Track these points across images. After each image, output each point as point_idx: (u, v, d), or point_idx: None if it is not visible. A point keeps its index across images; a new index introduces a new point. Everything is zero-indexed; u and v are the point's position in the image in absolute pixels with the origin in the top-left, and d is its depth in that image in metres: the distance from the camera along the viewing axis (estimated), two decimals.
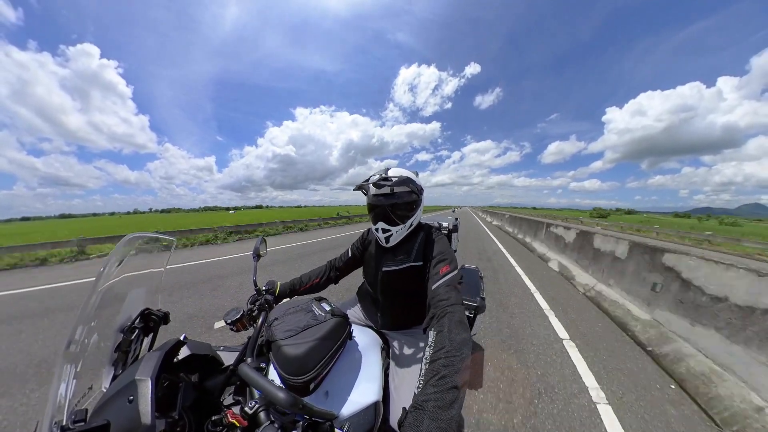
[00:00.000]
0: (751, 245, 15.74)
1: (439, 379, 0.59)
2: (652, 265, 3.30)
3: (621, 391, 2.13)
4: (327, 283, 1.37)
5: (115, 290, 0.81)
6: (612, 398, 2.04)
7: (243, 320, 1.07)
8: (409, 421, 0.53)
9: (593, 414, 1.88)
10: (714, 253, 5.48)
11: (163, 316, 0.95)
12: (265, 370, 0.88)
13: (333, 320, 0.90)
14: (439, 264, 0.96)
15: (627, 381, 2.25)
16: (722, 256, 2.84)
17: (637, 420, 1.85)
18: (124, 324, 0.85)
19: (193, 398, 0.73)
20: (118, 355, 0.78)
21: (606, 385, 2.19)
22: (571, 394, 2.06)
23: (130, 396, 0.57)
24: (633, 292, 3.51)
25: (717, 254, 3.35)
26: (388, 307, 1.19)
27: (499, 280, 5.13)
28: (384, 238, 1.09)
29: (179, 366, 0.77)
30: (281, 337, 0.81)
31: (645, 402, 2.02)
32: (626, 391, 2.12)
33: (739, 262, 2.40)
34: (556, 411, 1.89)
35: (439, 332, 0.71)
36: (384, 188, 1.02)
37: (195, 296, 4.02)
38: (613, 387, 2.17)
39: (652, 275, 3.25)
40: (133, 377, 0.60)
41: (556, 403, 1.96)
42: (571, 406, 1.95)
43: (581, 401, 2.00)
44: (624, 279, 3.78)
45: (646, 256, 3.42)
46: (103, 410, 0.58)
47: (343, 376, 0.89)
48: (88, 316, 0.69)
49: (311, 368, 0.76)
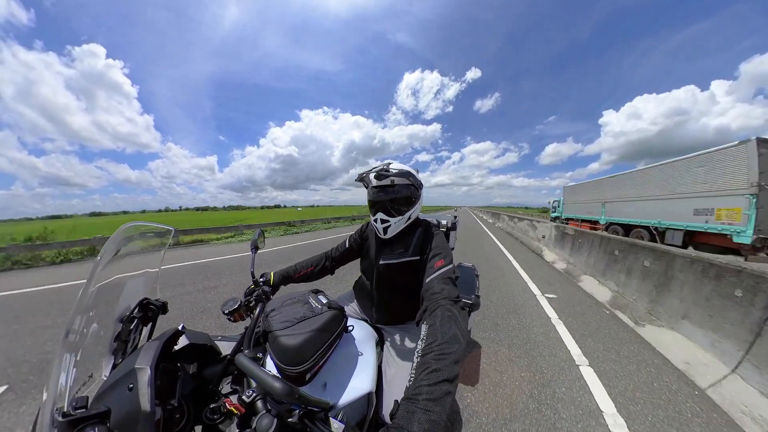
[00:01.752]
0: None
1: (431, 372, 0.59)
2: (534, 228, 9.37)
3: (531, 271, 5.56)
4: (322, 272, 1.37)
5: (113, 281, 0.81)
6: (529, 273, 5.42)
7: (240, 311, 1.08)
8: (400, 413, 0.54)
9: (519, 278, 5.11)
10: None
11: (161, 306, 0.96)
12: (262, 360, 0.89)
13: (329, 312, 0.91)
14: (434, 258, 0.97)
15: (531, 265, 6.25)
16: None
17: (536, 275, 5.24)
18: (123, 314, 0.86)
19: (192, 387, 0.75)
20: (117, 344, 0.80)
21: (525, 270, 5.67)
22: (516, 279, 5.04)
23: (130, 384, 0.58)
24: (536, 239, 8.97)
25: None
26: (383, 301, 1.20)
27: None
28: (382, 229, 1.10)
29: (178, 355, 0.79)
30: (278, 327, 0.82)
31: (536, 268, 5.92)
32: (532, 271, 5.53)
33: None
34: (498, 275, 5.29)
35: (431, 325, 0.71)
36: (385, 179, 1.04)
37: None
38: (528, 271, 5.62)
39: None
40: (133, 366, 0.61)
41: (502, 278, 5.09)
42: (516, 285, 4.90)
43: (518, 278, 5.09)
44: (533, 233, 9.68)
45: (534, 223, 9.80)
46: (103, 398, 0.60)
47: (339, 367, 0.91)
48: (87, 306, 0.69)
49: (307, 359, 0.78)
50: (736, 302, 2.19)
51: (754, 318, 2.02)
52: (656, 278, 3.13)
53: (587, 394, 1.92)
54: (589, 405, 1.81)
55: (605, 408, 1.79)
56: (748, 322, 2.07)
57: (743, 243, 6.79)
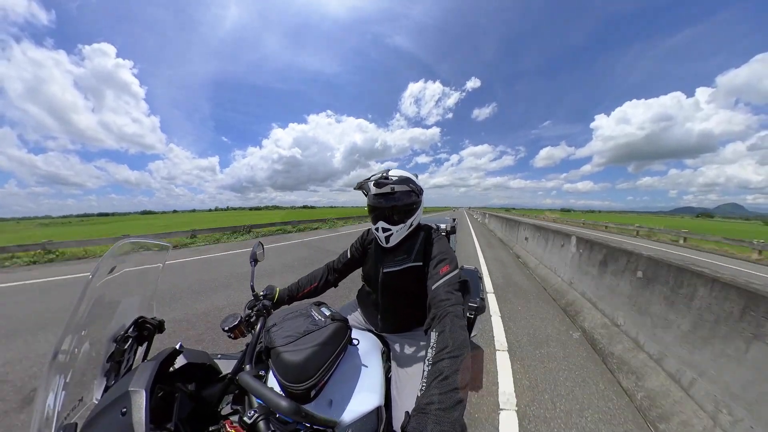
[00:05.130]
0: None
1: (443, 380, 0.58)
2: (517, 227, 9.02)
3: (485, 247, 9.41)
4: (326, 287, 1.35)
5: (107, 298, 0.78)
6: (481, 243, 10.45)
7: (241, 327, 1.04)
8: (412, 425, 0.52)
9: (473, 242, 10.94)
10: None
11: (157, 325, 0.92)
12: (265, 378, 0.85)
13: (333, 325, 0.88)
14: (439, 264, 0.95)
15: (487, 245, 9.93)
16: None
17: (485, 241, 11.27)
18: (117, 333, 0.82)
19: (190, 408, 0.71)
20: (110, 365, 0.75)
21: (480, 245, 9.79)
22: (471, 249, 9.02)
23: (123, 408, 0.54)
24: (510, 234, 10.19)
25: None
26: (388, 309, 1.18)
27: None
28: (384, 238, 1.08)
29: (175, 375, 0.75)
30: (280, 343, 0.79)
31: (486, 239, 11.67)
32: (485, 247, 9.44)
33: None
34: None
35: (440, 332, 0.70)
36: (385, 187, 1.02)
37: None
38: (482, 244, 10.26)
39: (521, 233, 8.40)
40: (127, 388, 0.57)
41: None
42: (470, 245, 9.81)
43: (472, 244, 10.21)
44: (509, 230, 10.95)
45: (512, 224, 10.03)
46: (94, 424, 0.55)
47: (344, 381, 0.86)
48: (78, 324, 0.66)
49: (312, 375, 0.74)
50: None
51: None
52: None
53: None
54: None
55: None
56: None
57: None
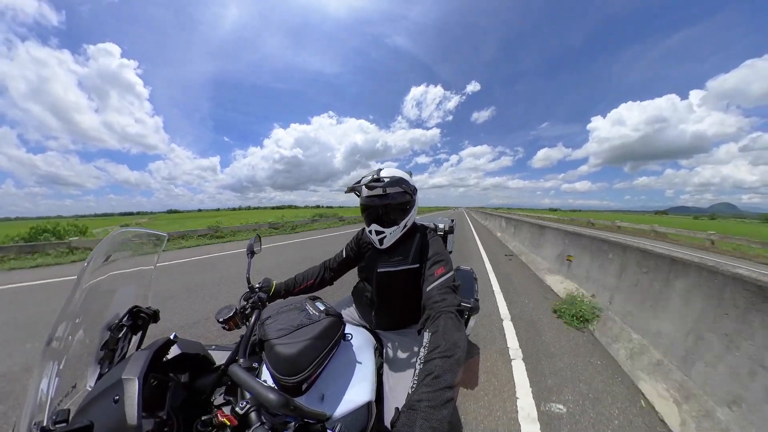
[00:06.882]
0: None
1: (433, 379, 0.59)
2: (507, 221, 12.05)
3: (483, 238, 11.42)
4: (321, 284, 1.35)
5: (102, 287, 0.78)
6: (479, 232, 13.98)
7: (235, 318, 1.04)
8: (401, 421, 0.53)
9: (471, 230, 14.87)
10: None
11: (152, 314, 0.93)
12: (258, 370, 0.86)
13: (327, 320, 0.89)
14: (434, 266, 0.95)
15: (485, 235, 12.90)
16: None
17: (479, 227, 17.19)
18: (112, 321, 0.82)
19: (183, 398, 0.72)
20: (104, 353, 0.76)
21: (478, 236, 12.18)
22: (469, 237, 11.72)
23: (115, 396, 0.55)
24: (498, 227, 13.92)
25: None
26: (383, 307, 1.18)
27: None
28: (378, 240, 1.08)
29: (169, 365, 0.75)
30: (274, 336, 0.80)
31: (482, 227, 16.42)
32: (483, 238, 11.51)
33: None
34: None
35: (434, 333, 0.71)
36: (376, 189, 1.00)
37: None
38: (481, 235, 12.77)
39: (509, 225, 11.11)
40: (120, 376, 0.58)
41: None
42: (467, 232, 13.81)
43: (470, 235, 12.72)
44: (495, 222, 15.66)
45: (506, 217, 13.44)
46: (86, 410, 0.56)
47: (337, 376, 0.87)
48: (73, 312, 0.66)
49: (304, 368, 0.75)
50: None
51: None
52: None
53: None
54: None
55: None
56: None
57: None
